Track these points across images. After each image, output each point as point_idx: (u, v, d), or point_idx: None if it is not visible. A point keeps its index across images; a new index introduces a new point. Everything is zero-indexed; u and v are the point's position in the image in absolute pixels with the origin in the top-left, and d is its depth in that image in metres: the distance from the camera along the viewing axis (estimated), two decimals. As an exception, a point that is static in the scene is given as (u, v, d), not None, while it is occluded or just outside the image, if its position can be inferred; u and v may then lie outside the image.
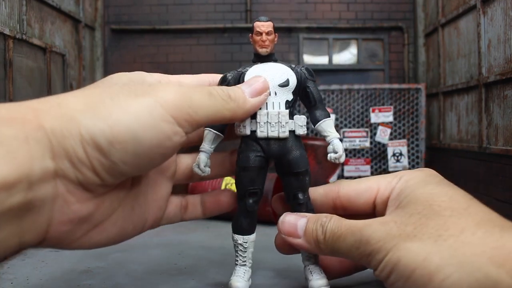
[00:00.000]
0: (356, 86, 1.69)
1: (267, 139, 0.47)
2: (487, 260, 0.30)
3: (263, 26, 0.48)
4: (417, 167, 1.67)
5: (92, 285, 0.58)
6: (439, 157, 1.66)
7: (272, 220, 0.86)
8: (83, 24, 1.54)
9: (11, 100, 1.01)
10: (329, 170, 1.21)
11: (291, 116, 0.47)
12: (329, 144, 0.48)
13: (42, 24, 1.24)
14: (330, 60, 1.86)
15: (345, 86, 1.70)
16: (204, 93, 0.37)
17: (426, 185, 0.39)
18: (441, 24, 1.60)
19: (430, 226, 0.34)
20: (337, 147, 0.47)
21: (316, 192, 0.49)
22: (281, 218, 0.46)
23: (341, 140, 0.48)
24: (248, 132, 0.47)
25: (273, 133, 0.46)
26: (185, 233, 0.97)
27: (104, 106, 0.31)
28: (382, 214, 0.42)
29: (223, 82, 0.48)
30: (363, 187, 0.46)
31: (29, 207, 0.28)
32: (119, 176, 0.34)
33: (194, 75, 0.48)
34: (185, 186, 1.32)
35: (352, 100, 1.71)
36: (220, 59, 1.83)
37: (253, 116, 0.47)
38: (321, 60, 1.87)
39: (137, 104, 0.32)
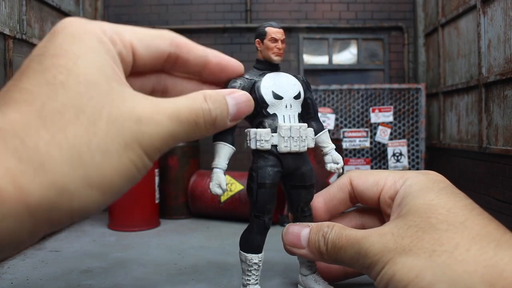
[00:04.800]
0: (356, 86, 1.69)
1: (286, 153, 0.46)
2: (479, 279, 0.30)
3: (279, 33, 0.46)
4: (417, 167, 1.67)
5: (92, 285, 0.58)
6: (439, 157, 1.66)
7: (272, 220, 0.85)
8: (83, 24, 1.54)
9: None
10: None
11: None
12: (326, 154, 0.49)
13: (42, 24, 1.24)
14: (330, 60, 1.86)
15: (345, 86, 1.70)
16: (191, 126, 0.33)
17: (427, 193, 0.39)
18: (441, 24, 1.60)
19: (425, 240, 0.34)
20: (337, 157, 0.49)
21: (330, 191, 0.49)
22: (285, 229, 0.47)
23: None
24: (269, 146, 0.46)
25: (295, 147, 0.46)
26: (185, 233, 0.97)
27: (96, 166, 0.28)
28: (385, 211, 0.43)
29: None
30: (371, 181, 0.46)
31: None
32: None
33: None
34: (185, 187, 1.31)
35: (352, 100, 1.71)
36: (220, 59, 1.83)
37: (274, 130, 0.46)
38: (321, 60, 1.87)
39: (127, 160, 0.30)
